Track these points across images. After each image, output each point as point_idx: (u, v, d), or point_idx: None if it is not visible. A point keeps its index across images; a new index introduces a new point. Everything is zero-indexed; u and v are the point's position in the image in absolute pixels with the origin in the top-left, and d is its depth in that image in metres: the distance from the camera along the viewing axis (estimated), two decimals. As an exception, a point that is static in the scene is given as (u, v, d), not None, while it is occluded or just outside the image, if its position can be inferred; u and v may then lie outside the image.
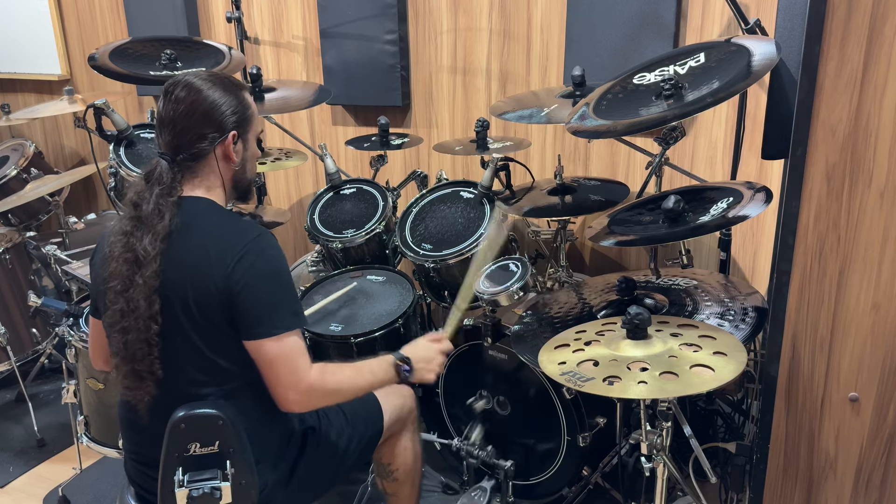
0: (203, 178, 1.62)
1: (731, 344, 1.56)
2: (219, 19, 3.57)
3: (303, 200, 3.65)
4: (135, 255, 1.53)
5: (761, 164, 2.24)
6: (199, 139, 1.58)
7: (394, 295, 2.49)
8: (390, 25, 3.14)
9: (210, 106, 1.58)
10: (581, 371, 1.53)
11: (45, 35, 4.01)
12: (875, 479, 1.62)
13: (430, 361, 1.80)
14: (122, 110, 3.88)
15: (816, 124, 1.47)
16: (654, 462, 1.66)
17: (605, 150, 2.93)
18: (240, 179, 1.69)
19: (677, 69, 1.97)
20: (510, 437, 2.27)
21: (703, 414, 2.42)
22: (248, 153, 1.69)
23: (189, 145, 1.59)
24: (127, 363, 1.55)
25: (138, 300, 1.52)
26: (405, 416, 1.98)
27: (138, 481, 1.69)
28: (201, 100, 1.58)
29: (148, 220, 1.54)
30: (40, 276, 3.22)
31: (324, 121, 3.49)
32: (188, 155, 1.59)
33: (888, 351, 1.54)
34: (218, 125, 1.59)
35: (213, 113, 1.59)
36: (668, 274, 2.19)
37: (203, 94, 1.58)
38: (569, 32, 2.82)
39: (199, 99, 1.58)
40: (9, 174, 3.41)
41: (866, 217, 1.49)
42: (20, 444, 2.97)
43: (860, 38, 1.40)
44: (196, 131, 1.58)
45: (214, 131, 1.59)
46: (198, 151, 1.59)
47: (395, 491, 2.04)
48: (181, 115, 1.58)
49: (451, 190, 2.63)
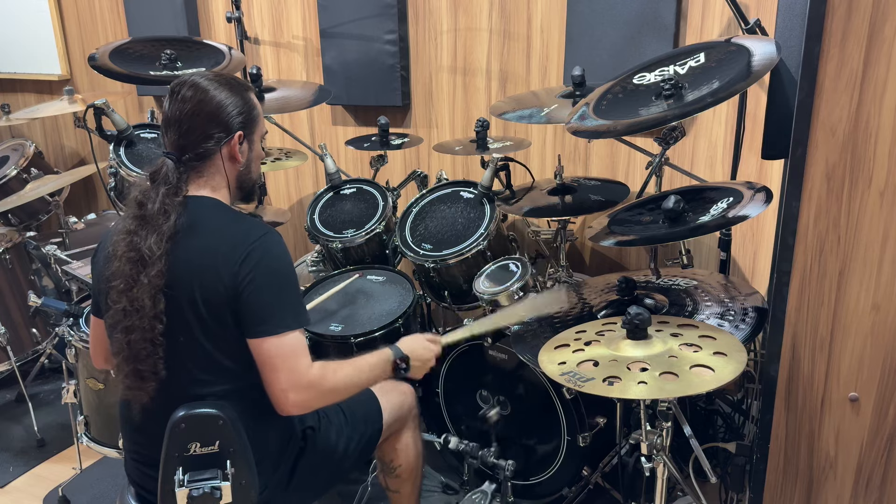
0: (209, 178, 1.62)
1: (731, 344, 1.56)
2: (219, 19, 3.57)
3: (303, 200, 3.65)
4: (139, 254, 1.52)
5: (761, 164, 2.24)
6: (206, 139, 1.58)
7: (394, 295, 2.49)
8: (390, 25, 3.14)
9: (216, 106, 1.58)
10: (581, 371, 1.53)
11: (45, 35, 4.01)
12: (875, 479, 1.62)
13: (426, 362, 1.80)
14: (122, 110, 3.88)
15: (816, 124, 1.47)
16: (654, 462, 1.66)
17: (605, 150, 2.93)
18: (245, 180, 1.69)
19: (677, 69, 1.97)
20: (510, 437, 2.27)
21: (703, 414, 2.42)
22: (254, 154, 1.69)
23: (195, 145, 1.59)
24: (129, 363, 1.55)
25: (143, 299, 1.51)
26: (405, 414, 1.98)
27: (138, 481, 1.68)
28: (208, 100, 1.58)
29: (153, 220, 1.54)
30: (40, 276, 3.22)
31: (324, 121, 3.49)
32: (194, 155, 1.59)
33: (888, 351, 1.54)
34: (224, 125, 1.59)
35: (219, 113, 1.59)
36: (668, 274, 2.19)
37: (209, 95, 1.58)
38: (569, 32, 2.82)
39: (205, 99, 1.58)
40: (9, 174, 3.40)
41: (866, 217, 1.49)
42: (20, 444, 2.97)
43: (860, 38, 1.40)
44: (202, 131, 1.58)
45: (221, 131, 1.59)
46: (204, 151, 1.59)
47: (398, 487, 2.04)
48: (187, 114, 1.58)
49: (451, 190, 2.63)
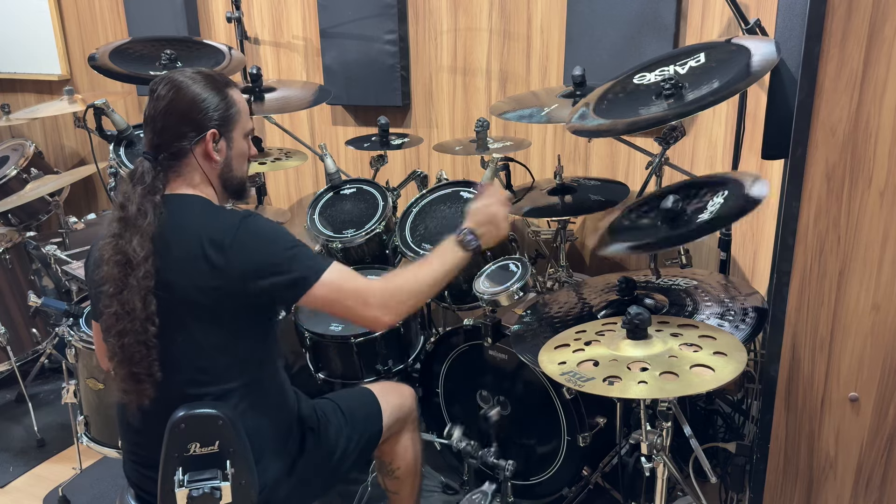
0: (186, 177, 1.60)
1: (731, 344, 1.56)
2: (219, 19, 3.57)
3: (303, 200, 3.65)
4: (125, 256, 1.51)
5: (761, 164, 2.24)
6: (178, 138, 1.57)
7: (394, 295, 2.49)
8: (390, 25, 3.14)
9: (189, 104, 1.57)
10: (581, 371, 1.53)
11: (45, 35, 4.01)
12: (875, 479, 1.62)
13: (493, 217, 1.75)
14: (122, 110, 3.88)
15: (816, 124, 1.47)
16: (654, 462, 1.66)
17: (605, 149, 2.93)
18: (228, 178, 1.66)
19: (678, 69, 1.97)
20: (510, 437, 2.27)
21: (703, 414, 2.42)
22: (234, 151, 1.65)
23: (168, 144, 1.57)
24: (124, 366, 1.54)
25: (133, 302, 1.51)
26: (405, 416, 1.98)
27: (138, 482, 1.68)
28: (180, 98, 1.56)
29: (134, 221, 1.52)
30: (40, 276, 3.22)
31: (324, 121, 3.49)
32: (168, 154, 1.58)
33: (888, 351, 1.54)
34: (196, 124, 1.57)
35: (191, 111, 1.57)
36: (668, 274, 2.19)
37: (182, 92, 1.57)
38: (569, 32, 2.82)
39: (178, 97, 1.56)
40: (9, 174, 3.41)
41: (866, 217, 1.48)
42: (20, 444, 2.97)
43: (860, 38, 1.40)
44: (175, 130, 1.57)
45: (192, 130, 1.57)
46: (178, 150, 1.58)
47: (396, 488, 2.04)
48: (161, 113, 1.57)
49: (451, 190, 2.63)
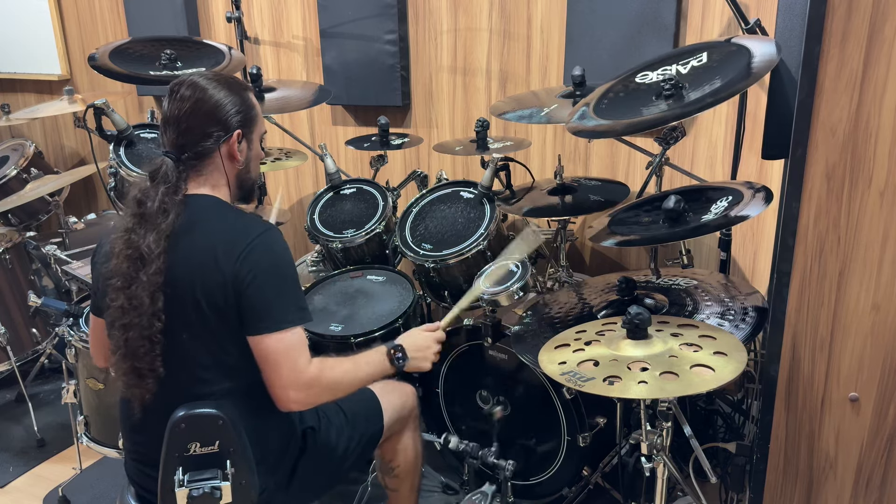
0: (208, 177, 1.62)
1: (732, 344, 1.56)
2: (219, 19, 3.57)
3: (303, 200, 3.65)
4: (138, 252, 1.52)
5: (761, 164, 2.24)
6: (204, 138, 1.59)
7: (394, 295, 2.49)
8: (390, 25, 3.14)
9: (215, 105, 1.59)
10: (581, 371, 1.53)
11: (45, 35, 4.01)
12: (875, 479, 1.62)
13: (425, 350, 1.80)
14: (122, 110, 3.88)
15: (816, 124, 1.47)
16: (654, 462, 1.66)
17: (605, 150, 2.93)
18: (244, 179, 1.70)
19: (679, 69, 1.97)
20: (510, 437, 2.27)
21: (703, 414, 2.42)
22: (252, 153, 1.69)
23: (194, 144, 1.59)
24: (127, 360, 1.55)
25: (141, 297, 1.51)
26: (406, 415, 1.98)
27: (138, 481, 1.69)
28: (206, 98, 1.58)
29: (152, 218, 1.54)
30: (40, 276, 3.22)
31: (324, 121, 3.49)
32: (193, 154, 1.59)
33: (888, 351, 1.54)
34: (222, 124, 1.60)
35: (217, 112, 1.59)
36: (668, 274, 2.19)
37: (208, 94, 1.59)
38: (569, 32, 2.82)
39: (203, 98, 1.58)
40: (9, 174, 3.41)
41: (866, 217, 1.48)
42: (20, 444, 2.96)
43: (860, 38, 1.40)
44: (201, 130, 1.59)
45: (219, 130, 1.60)
46: (202, 150, 1.60)
47: (396, 487, 2.04)
48: (186, 113, 1.58)
49: (451, 190, 2.63)
